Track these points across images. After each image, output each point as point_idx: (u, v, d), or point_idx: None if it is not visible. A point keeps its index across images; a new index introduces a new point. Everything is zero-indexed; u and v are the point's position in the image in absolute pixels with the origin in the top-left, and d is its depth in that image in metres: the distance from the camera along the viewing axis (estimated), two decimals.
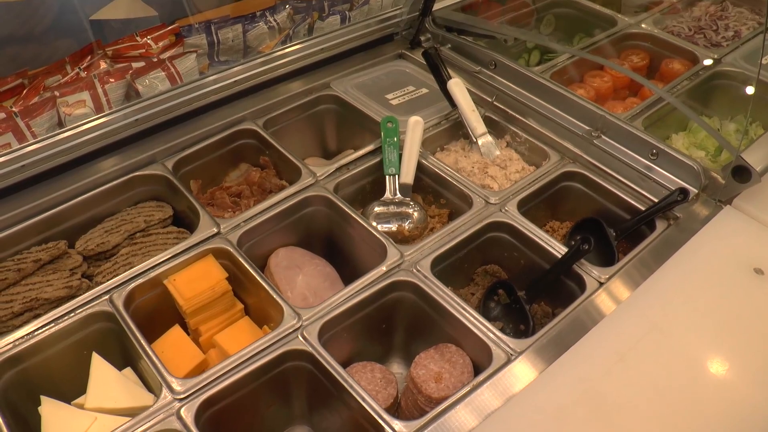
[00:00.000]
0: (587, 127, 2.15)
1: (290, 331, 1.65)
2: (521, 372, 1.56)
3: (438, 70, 2.23)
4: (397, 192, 2.05)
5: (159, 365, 1.57)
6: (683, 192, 1.91)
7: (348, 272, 1.98)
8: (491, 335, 1.65)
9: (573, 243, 1.83)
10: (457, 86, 2.18)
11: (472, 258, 1.99)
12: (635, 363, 1.58)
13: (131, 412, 1.59)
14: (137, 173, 2.03)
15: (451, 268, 1.90)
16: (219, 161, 2.19)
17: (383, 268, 1.79)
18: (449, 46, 2.50)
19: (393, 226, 2.01)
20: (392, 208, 2.04)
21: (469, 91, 2.24)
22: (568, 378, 1.55)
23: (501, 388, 1.52)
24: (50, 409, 1.59)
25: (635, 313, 1.69)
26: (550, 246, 1.87)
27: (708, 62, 2.51)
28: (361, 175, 2.10)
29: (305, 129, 2.35)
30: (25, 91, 2.07)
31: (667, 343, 1.63)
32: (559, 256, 1.83)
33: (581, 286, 1.78)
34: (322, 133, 2.41)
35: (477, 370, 1.71)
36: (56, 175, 1.98)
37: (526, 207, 1.99)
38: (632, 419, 1.49)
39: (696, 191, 1.96)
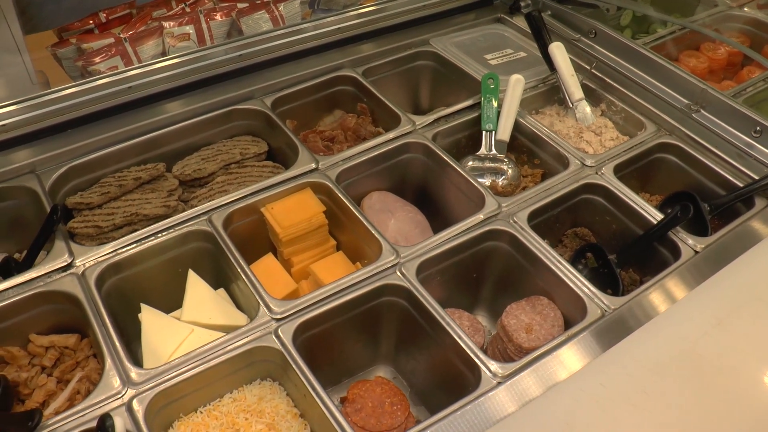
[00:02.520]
0: (686, 101, 2.11)
1: (388, 266, 1.65)
2: (617, 328, 1.54)
3: (540, 33, 2.21)
4: (493, 148, 2.04)
5: (258, 285, 1.59)
6: None
7: (438, 223, 1.98)
8: (586, 290, 1.64)
9: (669, 211, 1.81)
10: (559, 49, 2.17)
11: (563, 219, 1.97)
12: (735, 328, 1.54)
13: (224, 330, 1.61)
14: (237, 106, 2.05)
15: (543, 226, 1.88)
16: (315, 105, 2.21)
17: (480, 216, 1.78)
18: (549, 12, 2.47)
19: (486, 181, 2.00)
20: (487, 163, 2.03)
21: None
22: (667, 336, 1.53)
23: (598, 341, 1.51)
24: (150, 317, 1.62)
25: (735, 282, 1.65)
26: (646, 212, 1.85)
27: None
28: (457, 129, 2.09)
29: (400, 83, 2.35)
30: (133, 20, 2.10)
31: None
32: (654, 223, 1.81)
33: (675, 253, 1.76)
34: (416, 89, 2.41)
35: (567, 325, 1.70)
36: (159, 100, 2.02)
37: (620, 173, 1.96)
38: (730, 382, 1.46)
39: None
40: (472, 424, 1.36)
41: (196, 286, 1.70)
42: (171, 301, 1.72)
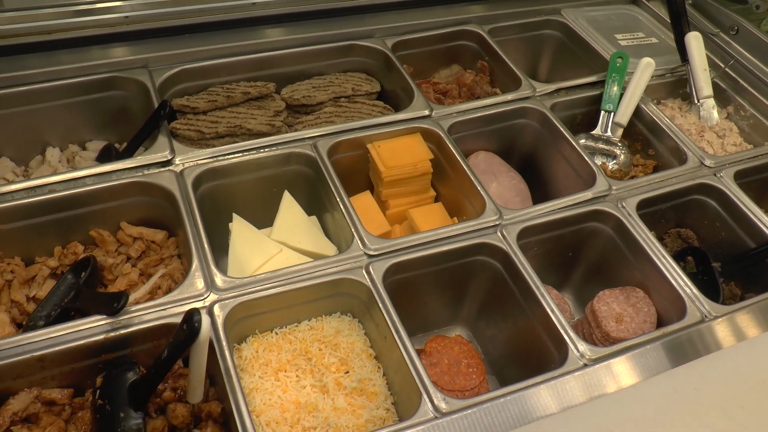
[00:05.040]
0: None
1: (489, 225, 1.59)
2: (715, 336, 1.45)
3: (679, 20, 2.10)
4: (609, 130, 1.95)
5: (355, 218, 1.54)
6: None
7: (538, 194, 1.91)
8: (689, 291, 1.54)
9: None
10: (696, 40, 2.05)
11: (668, 217, 1.87)
12: None
13: (311, 256, 1.58)
14: (358, 42, 2.01)
15: (647, 219, 1.78)
16: (434, 55, 2.15)
17: (589, 194, 1.70)
18: (690, 1, 2.34)
19: (597, 162, 1.91)
20: (600, 144, 1.94)
21: None
22: None
23: (694, 346, 1.42)
24: (240, 227, 1.60)
25: None
26: (764, 224, 1.73)
27: None
28: (576, 103, 2.01)
29: (523, 49, 2.27)
30: None
31: None
32: None
33: None
34: (537, 58, 2.33)
35: (659, 324, 1.61)
36: (280, 22, 2.00)
37: (740, 180, 1.84)
38: None
39: None
40: (551, 402, 1.29)
41: (290, 207, 1.66)
42: (261, 218, 1.70)
